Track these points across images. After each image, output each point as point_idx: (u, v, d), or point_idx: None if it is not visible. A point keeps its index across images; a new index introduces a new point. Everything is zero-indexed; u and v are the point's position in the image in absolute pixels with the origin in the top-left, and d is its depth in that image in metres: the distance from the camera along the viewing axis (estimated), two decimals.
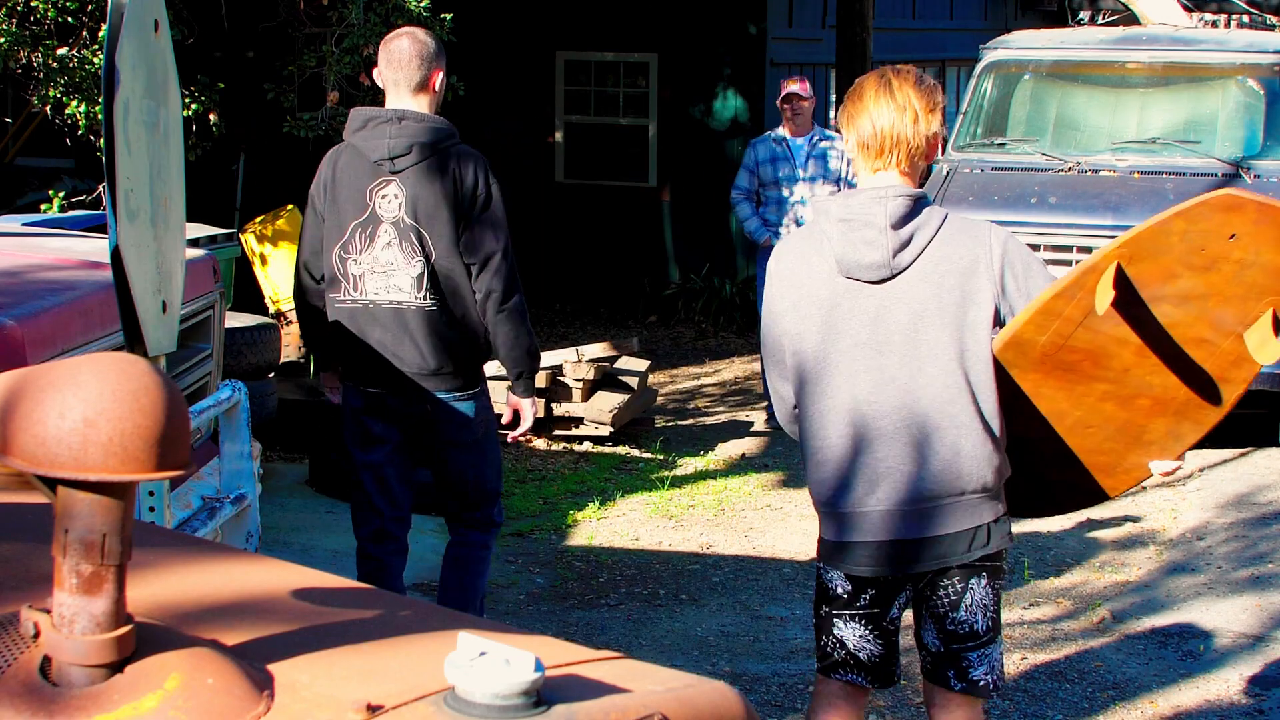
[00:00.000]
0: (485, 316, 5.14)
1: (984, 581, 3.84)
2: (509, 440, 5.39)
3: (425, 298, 5.08)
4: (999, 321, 3.76)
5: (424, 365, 5.11)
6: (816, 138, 9.90)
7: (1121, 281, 3.77)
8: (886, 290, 3.73)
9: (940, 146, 3.88)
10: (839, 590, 3.89)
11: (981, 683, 3.89)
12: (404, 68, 5.12)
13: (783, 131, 10.04)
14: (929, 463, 3.72)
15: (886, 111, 3.78)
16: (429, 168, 5.04)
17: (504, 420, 5.37)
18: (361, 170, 5.08)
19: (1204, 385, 4.05)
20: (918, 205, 3.76)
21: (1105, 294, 3.76)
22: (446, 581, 5.46)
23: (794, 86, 9.94)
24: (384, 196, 5.06)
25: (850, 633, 3.89)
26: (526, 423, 5.36)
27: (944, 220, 3.77)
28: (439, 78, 5.16)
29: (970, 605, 3.84)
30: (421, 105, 5.14)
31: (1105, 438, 4.08)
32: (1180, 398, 4.04)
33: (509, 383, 5.35)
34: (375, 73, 5.29)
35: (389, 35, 5.24)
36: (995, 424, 3.76)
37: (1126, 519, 7.97)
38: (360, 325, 5.13)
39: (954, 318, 3.72)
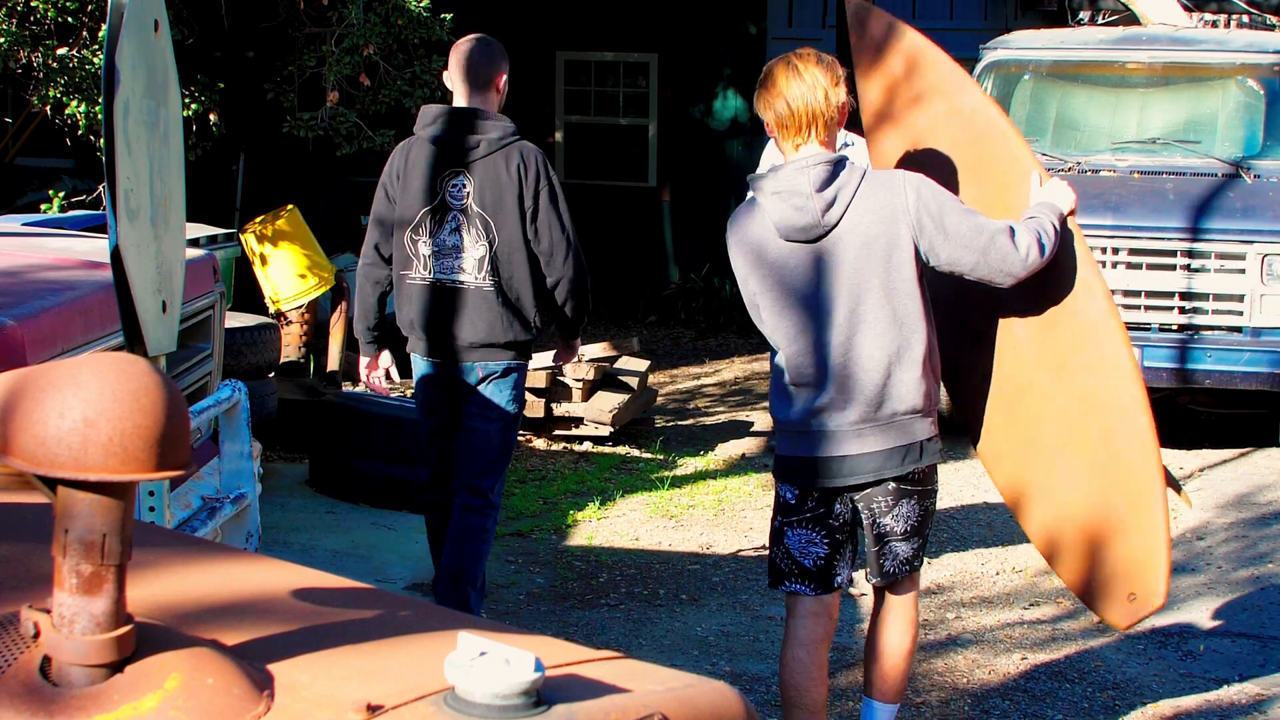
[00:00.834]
0: (557, 296, 5.74)
1: (913, 500, 4.47)
2: (560, 365, 5.87)
3: (485, 279, 5.61)
4: (920, 258, 4.33)
5: (477, 338, 5.63)
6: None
7: None
8: (822, 247, 4.31)
9: (848, 113, 4.42)
10: (789, 499, 4.49)
11: (889, 570, 4.55)
12: (472, 69, 5.66)
13: None
14: (866, 389, 4.32)
15: (798, 91, 4.32)
16: (494, 161, 5.58)
17: (554, 359, 6.02)
18: (432, 162, 5.60)
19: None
20: (836, 168, 4.30)
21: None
22: (447, 560, 5.75)
23: None
24: (453, 186, 5.60)
25: (797, 539, 4.48)
26: (575, 356, 6.20)
27: (863, 176, 4.33)
28: (503, 79, 5.72)
29: (895, 515, 4.47)
30: (487, 104, 5.67)
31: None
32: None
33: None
34: (445, 75, 5.81)
35: (459, 41, 5.80)
36: (924, 353, 4.35)
37: None
38: (427, 300, 5.66)
39: (881, 261, 4.30)
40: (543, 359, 9.29)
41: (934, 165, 4.69)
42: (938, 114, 4.82)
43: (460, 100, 5.68)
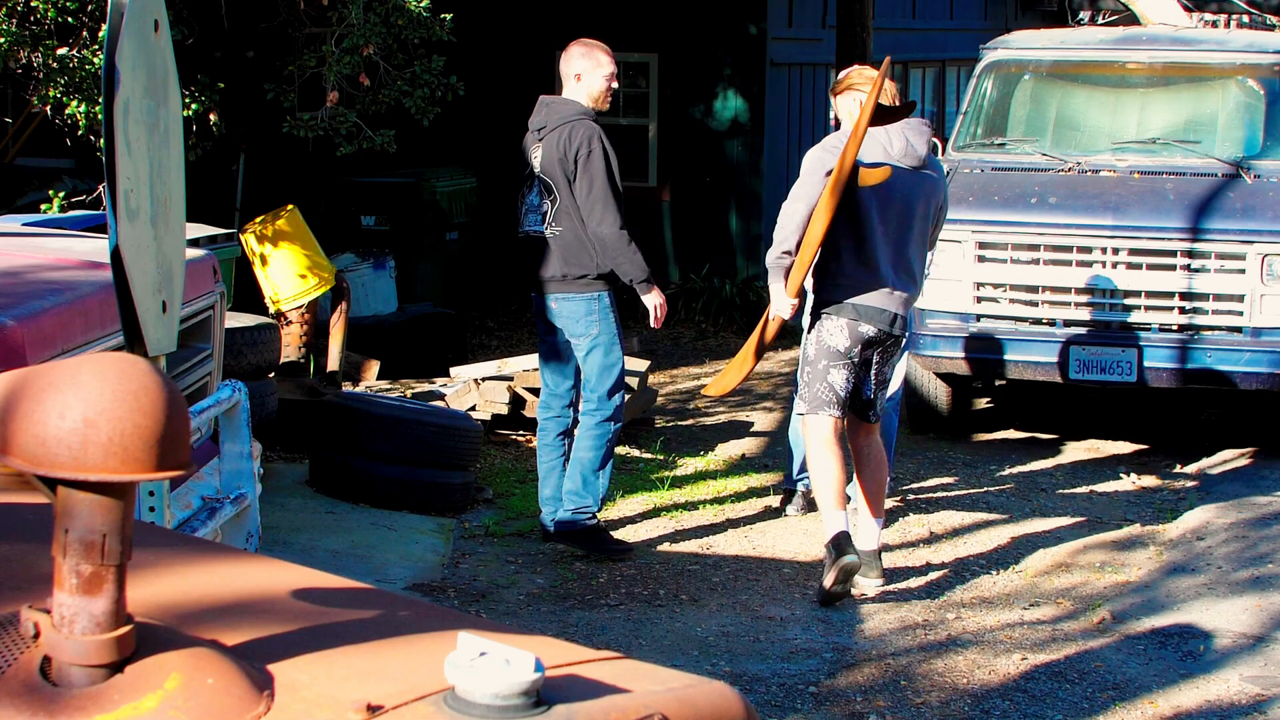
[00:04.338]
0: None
1: (898, 353, 6.87)
2: (653, 325, 7.30)
3: (549, 229, 7.14)
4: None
5: (551, 275, 7.14)
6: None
7: None
8: (914, 175, 6.60)
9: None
10: (839, 349, 6.59)
11: (879, 410, 6.85)
12: (562, 66, 7.26)
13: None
14: (910, 275, 6.66)
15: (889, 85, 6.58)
16: (555, 136, 7.09)
17: (652, 321, 7.28)
18: (528, 138, 7.26)
19: None
20: None
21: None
22: (574, 452, 7.24)
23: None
24: (533, 156, 7.19)
25: (839, 377, 6.60)
26: (654, 311, 7.22)
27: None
28: (579, 77, 7.17)
29: (889, 364, 6.84)
30: (570, 93, 7.19)
31: None
32: None
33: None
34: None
35: (571, 44, 7.33)
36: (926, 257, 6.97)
37: (1126, 519, 7.97)
38: (522, 250, 7.32)
39: (933, 194, 6.72)
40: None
41: None
42: None
43: (560, 91, 7.28)
